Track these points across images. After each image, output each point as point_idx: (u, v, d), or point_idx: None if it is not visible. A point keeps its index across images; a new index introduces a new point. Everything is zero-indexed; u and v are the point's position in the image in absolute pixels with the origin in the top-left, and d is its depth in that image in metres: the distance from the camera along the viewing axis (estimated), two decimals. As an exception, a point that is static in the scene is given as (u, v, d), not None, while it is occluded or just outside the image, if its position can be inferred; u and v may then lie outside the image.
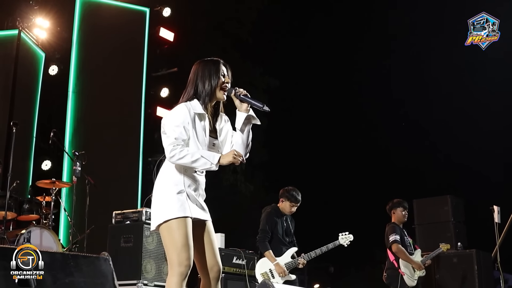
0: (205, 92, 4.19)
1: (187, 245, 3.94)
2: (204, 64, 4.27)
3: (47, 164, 11.92)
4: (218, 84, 4.20)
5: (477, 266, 9.47)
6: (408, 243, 8.53)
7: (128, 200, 12.25)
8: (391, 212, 8.71)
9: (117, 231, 8.34)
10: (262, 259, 7.65)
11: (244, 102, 4.22)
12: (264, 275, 7.56)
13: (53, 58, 12.64)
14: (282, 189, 7.96)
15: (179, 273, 3.90)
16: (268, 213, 7.81)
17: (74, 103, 12.39)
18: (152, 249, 8.14)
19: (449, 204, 10.20)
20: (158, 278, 8.10)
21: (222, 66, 4.26)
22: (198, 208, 4.11)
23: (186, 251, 3.92)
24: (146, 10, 13.66)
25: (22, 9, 12.10)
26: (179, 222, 3.97)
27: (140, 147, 13.06)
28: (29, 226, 8.41)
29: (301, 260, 7.62)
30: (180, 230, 3.95)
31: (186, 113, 4.10)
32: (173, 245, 3.95)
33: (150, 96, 13.47)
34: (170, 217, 3.98)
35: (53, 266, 3.79)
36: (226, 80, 4.24)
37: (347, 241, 7.78)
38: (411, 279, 8.28)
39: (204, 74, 4.22)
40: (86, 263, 4.07)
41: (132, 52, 13.42)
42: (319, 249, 7.68)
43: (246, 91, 4.24)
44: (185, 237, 3.94)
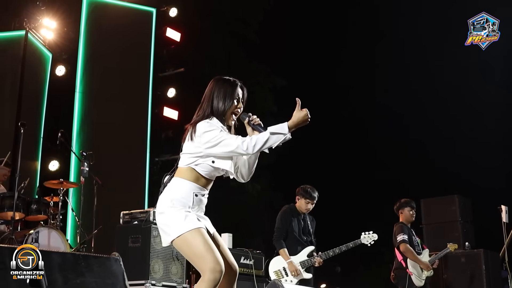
0: (218, 112, 4.14)
1: (210, 249, 3.86)
2: (222, 83, 4.22)
3: (54, 165, 11.95)
4: (231, 108, 4.15)
5: (485, 266, 9.45)
6: (416, 243, 8.51)
7: (135, 200, 12.27)
8: (398, 212, 8.70)
9: (125, 231, 8.33)
10: (276, 257, 7.66)
11: (256, 131, 4.14)
12: (278, 273, 7.56)
13: (60, 58, 12.64)
14: (298, 188, 7.97)
15: (212, 280, 3.78)
16: (283, 211, 7.85)
17: (81, 104, 12.40)
18: (160, 249, 8.13)
19: (456, 204, 10.18)
20: (166, 278, 8.09)
21: (239, 89, 4.22)
22: (204, 220, 4.10)
23: (212, 255, 3.84)
24: (152, 10, 13.68)
25: (29, 9, 12.12)
26: (194, 233, 3.90)
27: (147, 148, 13.08)
28: (37, 226, 8.41)
29: (317, 258, 7.59)
30: (198, 238, 3.88)
31: (216, 125, 4.05)
32: (196, 254, 3.88)
33: (157, 96, 13.50)
34: (183, 231, 3.91)
35: (64, 266, 3.79)
36: (239, 105, 4.20)
37: (370, 241, 7.76)
38: (419, 279, 8.25)
39: (219, 93, 4.16)
40: (97, 264, 4.07)
41: (139, 52, 13.44)
42: (338, 248, 7.65)
43: (259, 120, 4.18)
44: (205, 243, 3.88)
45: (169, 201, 4.02)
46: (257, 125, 4.15)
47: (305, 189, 7.85)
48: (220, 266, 3.82)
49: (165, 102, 13.38)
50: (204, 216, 4.16)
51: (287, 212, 7.82)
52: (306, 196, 7.82)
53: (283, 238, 7.68)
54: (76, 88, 12.39)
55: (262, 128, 4.10)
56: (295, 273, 7.48)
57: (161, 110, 13.25)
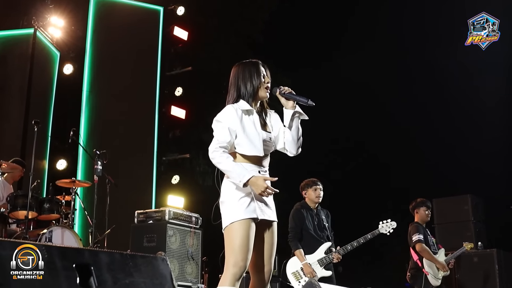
0: (248, 94, 4.24)
1: (244, 247, 3.95)
2: (244, 66, 4.31)
3: (62, 164, 11.90)
4: (260, 84, 4.24)
5: (498, 266, 9.41)
6: (431, 243, 8.46)
7: (143, 199, 12.23)
8: (414, 211, 8.65)
9: (140, 231, 8.31)
10: (293, 258, 7.51)
11: (290, 100, 4.25)
12: (296, 274, 7.46)
13: (67, 57, 12.60)
14: (300, 184, 7.91)
15: (233, 274, 3.90)
16: (296, 210, 7.70)
17: (89, 102, 12.34)
18: (175, 249, 8.12)
19: (469, 204, 10.16)
20: (181, 278, 8.07)
21: (261, 66, 4.30)
22: (265, 208, 4.14)
23: (242, 253, 3.93)
24: (160, 9, 13.63)
25: (38, 8, 12.07)
26: (240, 224, 3.99)
27: (154, 147, 13.03)
28: (50, 226, 8.36)
29: (335, 254, 7.45)
30: (240, 232, 3.97)
31: (233, 113, 4.14)
32: (231, 247, 3.98)
33: (164, 95, 13.43)
34: (232, 220, 4.01)
35: (113, 266, 3.74)
36: (267, 80, 4.27)
37: (389, 229, 7.63)
38: (435, 279, 8.21)
39: (245, 75, 4.26)
40: (144, 263, 4.02)
41: (146, 51, 13.39)
42: (356, 241, 7.51)
43: (290, 89, 4.26)
44: (243, 239, 3.96)
45: (227, 186, 4.16)
46: (289, 94, 4.25)
47: (307, 181, 7.81)
48: (244, 263, 3.92)
49: (173, 101, 13.30)
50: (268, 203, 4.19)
51: (299, 210, 7.68)
52: (311, 184, 7.75)
53: (298, 238, 7.55)
54: (83, 87, 12.33)
55: (294, 94, 4.25)
56: (311, 275, 7.36)
57: (168, 109, 13.17)
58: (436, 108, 13.02)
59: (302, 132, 4.32)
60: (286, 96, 4.24)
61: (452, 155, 12.42)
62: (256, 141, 4.12)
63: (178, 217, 8.72)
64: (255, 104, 4.29)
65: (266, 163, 4.24)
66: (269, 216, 4.15)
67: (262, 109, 4.35)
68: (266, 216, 4.12)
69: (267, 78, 4.27)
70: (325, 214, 7.89)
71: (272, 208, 4.21)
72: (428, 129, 12.74)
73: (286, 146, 4.29)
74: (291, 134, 4.26)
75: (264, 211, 4.11)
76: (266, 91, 4.26)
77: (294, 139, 4.26)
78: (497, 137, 11.78)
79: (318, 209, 7.83)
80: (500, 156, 11.85)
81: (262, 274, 4.14)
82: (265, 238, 4.16)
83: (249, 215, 4.01)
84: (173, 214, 8.63)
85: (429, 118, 13.00)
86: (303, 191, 7.82)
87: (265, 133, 4.23)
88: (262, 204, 4.10)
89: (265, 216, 4.11)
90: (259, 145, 4.12)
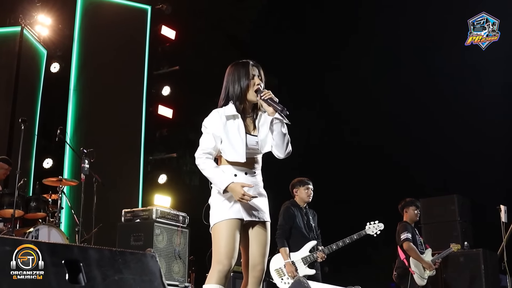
0: (235, 96, 4.21)
1: (228, 246, 4.01)
2: (235, 67, 4.28)
3: (48, 162, 11.84)
4: (248, 86, 4.19)
5: (484, 266, 9.46)
6: (419, 242, 8.52)
7: (129, 198, 12.22)
8: (403, 210, 8.71)
9: (127, 230, 8.30)
10: (277, 255, 7.53)
11: (271, 107, 4.15)
12: (279, 271, 7.48)
13: (54, 55, 12.51)
14: (291, 183, 7.91)
15: (217, 271, 3.97)
16: (286, 208, 7.70)
17: (75, 101, 12.29)
18: (162, 248, 8.11)
19: (455, 204, 10.20)
20: (168, 277, 8.06)
21: (252, 67, 4.24)
22: (253, 209, 4.14)
23: (226, 252, 4.00)
24: (147, 8, 13.60)
25: (25, 6, 12.00)
26: (224, 225, 4.06)
27: (141, 146, 13.01)
28: (36, 224, 8.34)
29: (320, 253, 7.48)
30: (223, 232, 4.05)
31: (216, 119, 4.16)
32: (216, 246, 4.06)
33: (152, 94, 13.41)
34: (217, 221, 4.10)
35: (102, 262, 3.74)
36: (256, 82, 4.20)
37: (376, 231, 7.65)
38: (421, 278, 8.27)
39: (234, 77, 4.23)
40: (133, 260, 4.02)
41: (134, 50, 13.36)
42: (342, 241, 7.55)
43: (271, 93, 4.16)
44: (227, 238, 4.03)
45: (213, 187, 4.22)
46: (268, 99, 4.12)
47: (298, 179, 7.83)
48: (228, 262, 3.99)
49: (160, 100, 13.28)
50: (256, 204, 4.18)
51: (290, 207, 7.70)
52: (303, 183, 7.78)
53: (286, 236, 7.55)
54: (70, 85, 12.28)
55: (274, 102, 4.11)
56: (292, 274, 7.37)
57: (155, 108, 13.16)
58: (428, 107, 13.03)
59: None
60: (266, 102, 4.15)
61: (439, 155, 12.45)
62: (238, 147, 4.11)
63: (165, 216, 8.71)
64: (245, 107, 4.25)
65: (256, 165, 4.25)
66: (257, 217, 4.18)
67: (255, 112, 4.31)
68: (253, 217, 4.15)
69: (257, 79, 4.21)
70: (311, 214, 7.92)
71: (262, 209, 4.22)
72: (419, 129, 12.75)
73: (273, 149, 4.26)
74: (274, 138, 4.21)
75: (251, 212, 4.14)
76: (256, 94, 4.18)
77: (279, 144, 4.20)
78: (490, 138, 11.83)
79: (306, 208, 7.86)
80: (487, 156, 11.90)
81: (255, 273, 4.15)
82: (256, 238, 4.18)
83: (232, 216, 4.07)
84: (160, 213, 8.62)
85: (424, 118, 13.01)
86: (294, 189, 7.84)
87: (251, 137, 4.19)
88: (248, 206, 4.11)
89: (252, 217, 4.14)
90: (241, 150, 4.10)
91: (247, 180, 4.15)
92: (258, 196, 4.20)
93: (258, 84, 4.19)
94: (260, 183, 4.28)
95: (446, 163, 12.21)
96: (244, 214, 4.10)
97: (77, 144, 11.08)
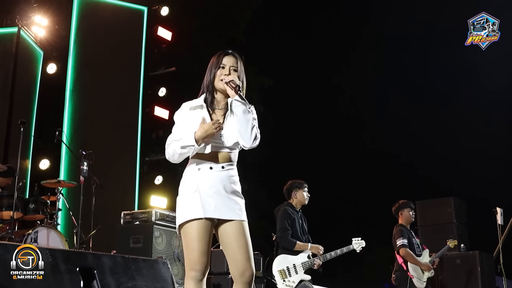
0: (205, 86, 4.12)
1: (196, 249, 3.86)
2: (212, 58, 4.16)
3: (44, 163, 11.81)
4: (215, 76, 4.06)
5: (480, 268, 9.51)
6: (416, 245, 8.48)
7: (126, 199, 12.21)
8: (398, 213, 8.63)
9: (126, 232, 8.29)
10: (280, 256, 7.52)
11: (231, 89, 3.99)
12: (282, 272, 7.48)
13: (51, 56, 12.48)
14: (286, 186, 7.91)
15: (190, 277, 3.86)
16: (285, 210, 7.67)
17: (72, 102, 12.29)
18: (162, 250, 8.11)
19: (452, 206, 10.27)
20: (168, 279, 8.05)
21: (225, 57, 4.10)
22: (219, 207, 3.91)
23: (195, 256, 3.86)
24: (144, 9, 13.62)
25: (21, 6, 11.96)
26: (188, 226, 3.90)
27: (137, 147, 13.02)
28: (35, 226, 8.31)
29: (317, 261, 7.52)
30: (190, 234, 3.89)
31: (184, 111, 4.09)
32: (185, 249, 3.93)
33: (148, 95, 13.43)
34: (181, 222, 3.96)
35: (116, 270, 3.73)
36: (225, 71, 4.05)
37: (359, 247, 7.74)
38: (420, 281, 8.25)
39: (208, 68, 4.13)
40: (146, 267, 4.02)
41: (130, 51, 13.37)
42: (334, 251, 7.61)
43: (234, 77, 4.00)
44: (193, 240, 3.87)
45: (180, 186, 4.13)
46: (228, 82, 3.96)
47: (297, 182, 7.84)
48: (200, 267, 3.84)
49: (156, 101, 13.30)
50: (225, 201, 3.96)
51: (289, 210, 7.69)
52: (302, 185, 7.79)
53: (289, 236, 7.58)
54: (66, 86, 12.27)
55: (234, 85, 3.93)
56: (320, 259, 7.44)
57: (152, 109, 13.18)
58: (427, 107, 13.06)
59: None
60: (228, 85, 3.98)
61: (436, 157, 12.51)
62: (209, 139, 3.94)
63: (164, 218, 8.72)
64: (217, 98, 4.12)
65: (229, 158, 4.04)
66: (228, 215, 3.94)
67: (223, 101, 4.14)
68: (226, 216, 3.94)
69: (226, 71, 4.04)
70: (303, 218, 7.95)
71: (236, 208, 3.97)
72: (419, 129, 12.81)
73: (239, 139, 3.96)
74: (236, 124, 3.93)
75: (223, 210, 3.93)
76: (224, 83, 3.98)
77: (241, 131, 3.92)
78: (490, 138, 11.88)
79: (301, 212, 7.88)
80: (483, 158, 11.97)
81: (244, 278, 3.89)
82: (237, 240, 3.93)
83: (201, 215, 3.88)
84: (159, 215, 8.63)
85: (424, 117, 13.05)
86: (293, 191, 7.82)
87: None
88: (220, 203, 3.92)
89: (225, 216, 3.93)
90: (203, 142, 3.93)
91: (212, 175, 3.96)
92: (231, 194, 3.99)
93: (226, 74, 4.04)
94: (232, 179, 4.03)
95: (443, 165, 12.27)
96: (214, 213, 3.90)
97: (73, 145, 11.08)
